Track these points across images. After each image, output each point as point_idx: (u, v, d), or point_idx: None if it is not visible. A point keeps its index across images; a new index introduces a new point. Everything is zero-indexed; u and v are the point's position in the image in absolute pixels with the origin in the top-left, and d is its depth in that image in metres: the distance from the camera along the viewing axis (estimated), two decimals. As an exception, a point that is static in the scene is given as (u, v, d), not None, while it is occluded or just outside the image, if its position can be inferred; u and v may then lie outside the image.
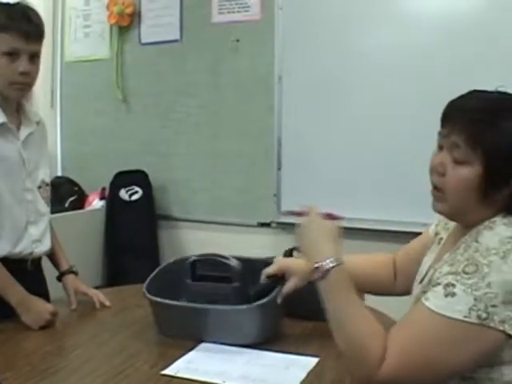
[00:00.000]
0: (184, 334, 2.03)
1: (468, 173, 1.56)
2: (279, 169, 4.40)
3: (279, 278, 2.04)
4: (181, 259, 2.30)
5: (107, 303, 2.43)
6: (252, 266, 2.17)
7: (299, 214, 1.83)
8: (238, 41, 4.52)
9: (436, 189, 1.66)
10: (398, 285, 2.08)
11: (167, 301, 2.06)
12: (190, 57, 4.73)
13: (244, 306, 2.00)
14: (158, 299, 2.07)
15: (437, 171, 1.64)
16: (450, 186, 1.61)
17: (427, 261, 1.84)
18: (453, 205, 1.63)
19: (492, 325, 1.42)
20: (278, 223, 4.35)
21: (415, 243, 2.08)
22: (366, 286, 2.13)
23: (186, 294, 2.15)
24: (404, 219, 3.93)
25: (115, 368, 1.82)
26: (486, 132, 1.54)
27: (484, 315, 1.42)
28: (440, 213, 1.69)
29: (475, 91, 1.64)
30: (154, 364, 1.86)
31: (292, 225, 1.87)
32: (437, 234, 1.92)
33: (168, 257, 4.81)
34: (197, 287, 2.15)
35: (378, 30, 4.06)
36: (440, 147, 1.65)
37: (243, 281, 2.12)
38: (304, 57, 4.27)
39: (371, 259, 2.19)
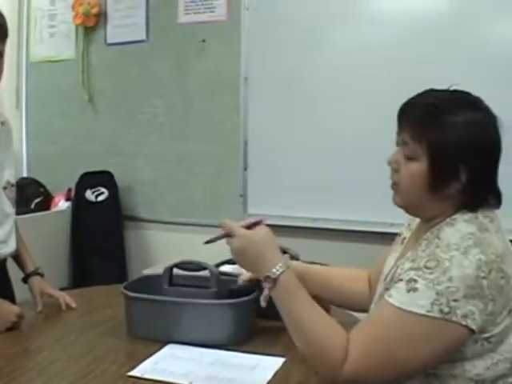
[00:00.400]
0: (153, 333, 2.03)
1: (417, 168, 1.61)
2: (245, 169, 4.40)
3: (256, 282, 2.05)
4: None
5: (73, 305, 2.42)
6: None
7: (223, 237, 1.75)
8: (204, 41, 4.52)
9: (394, 184, 1.70)
10: (369, 298, 2.09)
11: (144, 295, 2.07)
12: (156, 57, 4.72)
13: (224, 301, 2.03)
14: (135, 294, 2.08)
15: (392, 168, 1.69)
16: (403, 181, 1.65)
17: (390, 260, 1.86)
18: (406, 199, 1.68)
19: (454, 319, 1.43)
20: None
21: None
22: (340, 300, 2.14)
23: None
24: (371, 219, 3.95)
25: (82, 369, 1.81)
26: (430, 126, 1.58)
27: (446, 309, 1.43)
28: (397, 206, 1.72)
29: (430, 90, 1.68)
30: (120, 365, 1.85)
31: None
32: (400, 234, 1.95)
33: (134, 258, 4.81)
34: (173, 292, 2.16)
35: (344, 30, 4.09)
36: (397, 144, 1.69)
37: (220, 286, 2.13)
38: (270, 57, 4.28)
39: (348, 273, 2.19)
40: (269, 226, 1.74)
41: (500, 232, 1.61)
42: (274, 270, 1.62)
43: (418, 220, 1.82)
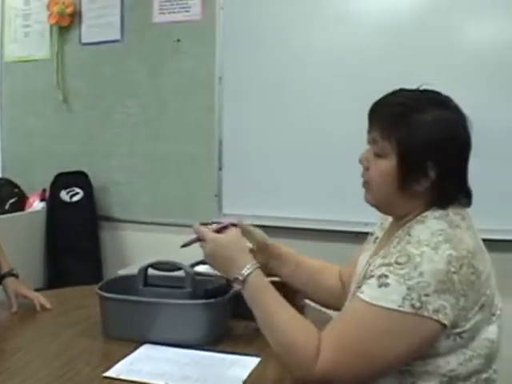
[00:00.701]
0: (128, 334, 2.03)
1: (386, 165, 1.64)
2: (220, 169, 4.40)
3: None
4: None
5: (48, 306, 2.41)
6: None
7: (196, 241, 1.86)
8: (178, 41, 4.51)
9: (365, 182, 1.72)
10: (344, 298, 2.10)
11: (119, 296, 2.07)
12: (130, 57, 4.70)
13: (198, 301, 2.03)
14: (110, 295, 2.08)
15: (363, 166, 1.72)
16: (373, 178, 1.68)
17: (363, 260, 1.87)
18: (377, 196, 1.70)
19: (426, 314, 1.45)
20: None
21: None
22: (310, 291, 2.15)
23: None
24: (346, 219, 3.96)
25: (57, 370, 1.81)
26: (399, 124, 1.61)
27: (418, 304, 1.44)
28: (369, 204, 1.75)
29: (400, 89, 1.71)
30: (95, 366, 1.85)
31: (233, 225, 1.89)
32: (372, 234, 1.96)
33: (110, 258, 4.79)
34: (148, 293, 2.15)
35: (319, 30, 4.09)
36: (368, 143, 1.72)
37: (195, 287, 2.13)
38: (245, 57, 4.28)
39: (318, 265, 2.20)
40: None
41: (472, 229, 1.63)
42: (243, 272, 1.68)
43: (390, 219, 1.84)
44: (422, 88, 1.70)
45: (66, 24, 4.87)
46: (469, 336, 1.53)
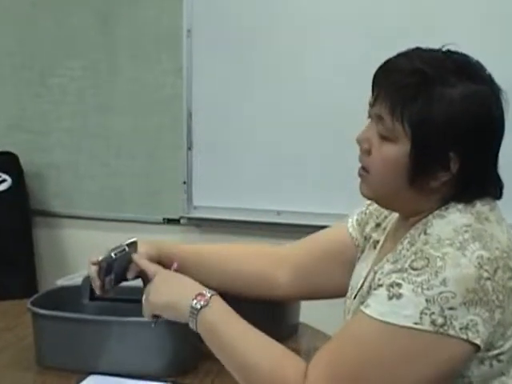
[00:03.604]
0: (70, 362, 2.03)
1: (394, 151, 1.60)
2: (190, 149, 4.39)
3: None
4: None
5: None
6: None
7: None
8: (136, -16, 4.51)
9: (363, 169, 1.70)
10: (285, 285, 2.11)
11: (58, 312, 2.06)
12: (74, 6, 4.66)
13: (162, 319, 2.01)
14: (46, 311, 2.07)
15: (362, 148, 1.68)
16: (375, 166, 1.65)
17: (360, 270, 1.87)
18: (377, 189, 1.68)
19: (452, 333, 1.42)
20: (190, 219, 4.35)
21: (325, 240, 2.14)
22: (237, 281, 2.16)
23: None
24: (345, 211, 3.95)
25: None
26: (415, 101, 1.56)
27: (440, 320, 1.42)
28: (365, 197, 1.74)
29: (417, 49, 1.65)
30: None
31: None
32: (367, 238, 1.96)
33: (46, 264, 4.78)
34: (96, 308, 2.15)
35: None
36: (369, 116, 1.69)
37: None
38: (221, 4, 4.28)
39: (246, 249, 2.23)
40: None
41: (503, 223, 1.62)
42: (205, 291, 1.74)
43: (390, 218, 1.83)
44: (445, 49, 1.66)
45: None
46: (509, 359, 1.52)
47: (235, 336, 1.65)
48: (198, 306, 1.68)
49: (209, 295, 1.71)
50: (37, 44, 4.79)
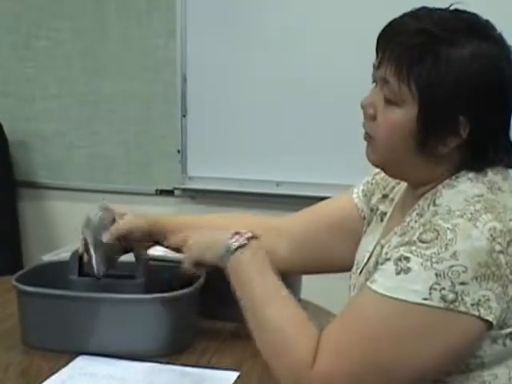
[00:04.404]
0: (57, 342, 2.03)
1: (400, 116, 1.60)
2: (184, 115, 4.39)
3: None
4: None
5: None
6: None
7: None
8: None
9: (368, 135, 1.69)
10: (285, 258, 2.12)
11: (45, 289, 2.05)
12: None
13: (154, 296, 2.02)
14: (32, 288, 2.06)
15: (367, 114, 1.67)
16: (381, 132, 1.64)
17: (367, 244, 1.87)
18: (384, 156, 1.68)
19: (462, 309, 1.42)
20: (184, 190, 4.36)
21: (328, 211, 2.16)
22: None
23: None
24: (346, 182, 3.95)
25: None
26: (423, 62, 1.55)
27: (451, 296, 1.42)
28: (373, 164, 1.73)
29: (423, 8, 1.64)
30: (13, 386, 1.85)
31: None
32: (373, 209, 1.96)
33: (32, 238, 4.78)
34: (85, 285, 2.14)
35: None
36: (373, 81, 1.68)
37: (150, 276, 2.13)
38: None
39: (244, 220, 2.27)
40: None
41: None
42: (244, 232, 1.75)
43: (397, 189, 1.83)
44: (452, 8, 1.64)
45: None
46: (524, 338, 1.53)
47: (262, 292, 1.67)
48: (236, 245, 1.71)
49: (246, 236, 1.74)
50: (20, 4, 4.76)
